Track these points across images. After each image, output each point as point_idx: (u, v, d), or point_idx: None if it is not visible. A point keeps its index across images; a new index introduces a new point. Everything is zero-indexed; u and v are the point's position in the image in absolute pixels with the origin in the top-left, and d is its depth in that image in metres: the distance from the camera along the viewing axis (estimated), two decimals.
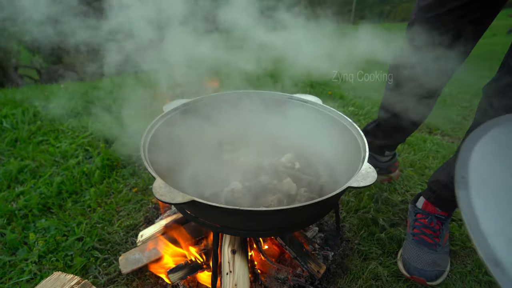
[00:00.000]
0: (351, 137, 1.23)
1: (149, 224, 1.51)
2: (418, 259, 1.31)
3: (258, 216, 0.92)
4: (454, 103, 2.96)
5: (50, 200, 1.62)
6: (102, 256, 1.34)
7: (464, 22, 1.20)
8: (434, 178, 1.36)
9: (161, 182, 0.93)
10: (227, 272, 1.18)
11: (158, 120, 1.27)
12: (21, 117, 2.43)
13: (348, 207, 1.60)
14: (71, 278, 0.89)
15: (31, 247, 1.38)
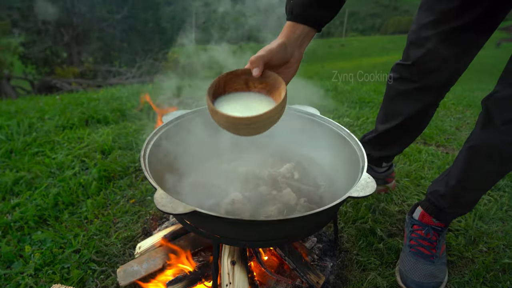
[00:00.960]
0: (350, 147, 1.25)
1: (147, 235, 1.50)
2: (415, 271, 1.31)
3: (259, 226, 0.93)
4: (447, 114, 3.01)
5: (46, 212, 1.60)
6: (99, 269, 1.33)
7: (463, 39, 1.23)
8: (432, 188, 1.38)
9: (162, 193, 0.93)
10: (227, 283, 1.17)
11: (158, 131, 1.28)
12: (16, 128, 2.42)
13: (346, 217, 1.61)
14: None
15: (27, 260, 1.36)
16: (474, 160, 1.19)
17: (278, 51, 0.97)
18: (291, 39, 1.00)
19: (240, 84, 1.01)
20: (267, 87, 1.00)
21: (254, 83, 1.00)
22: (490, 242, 1.50)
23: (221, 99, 0.99)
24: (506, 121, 1.06)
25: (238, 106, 0.96)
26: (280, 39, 0.99)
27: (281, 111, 0.93)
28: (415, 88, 1.42)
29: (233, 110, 0.93)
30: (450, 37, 1.24)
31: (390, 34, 40.18)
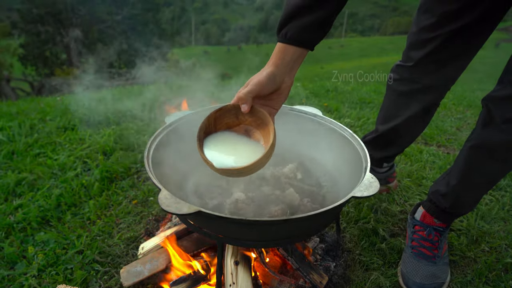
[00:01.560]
0: (352, 148, 1.25)
1: (149, 236, 1.50)
2: (417, 272, 1.32)
3: (264, 226, 0.93)
4: (448, 114, 3.01)
5: (49, 213, 1.60)
6: (103, 269, 1.33)
7: (463, 41, 1.24)
8: (433, 188, 1.38)
9: (167, 193, 0.93)
10: (230, 283, 1.17)
11: (161, 132, 1.28)
12: (18, 129, 2.42)
13: (348, 217, 1.61)
14: None
15: (30, 261, 1.36)
16: (475, 159, 1.20)
17: (267, 82, 0.96)
18: (281, 66, 0.98)
19: (231, 118, 1.02)
20: (257, 120, 1.01)
21: (244, 116, 1.02)
22: (492, 242, 1.50)
23: (211, 138, 1.02)
24: (506, 120, 1.07)
25: (227, 149, 0.99)
26: (269, 68, 0.97)
27: (269, 156, 0.94)
28: (416, 89, 1.43)
29: (222, 153, 0.97)
30: (450, 39, 1.25)
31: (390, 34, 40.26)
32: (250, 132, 1.04)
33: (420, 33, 1.31)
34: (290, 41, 0.96)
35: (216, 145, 1.00)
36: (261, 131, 1.01)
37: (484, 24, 1.21)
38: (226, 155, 0.97)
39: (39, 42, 19.47)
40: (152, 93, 3.41)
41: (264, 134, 1.00)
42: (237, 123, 1.04)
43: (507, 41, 23.51)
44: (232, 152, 0.99)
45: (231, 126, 1.04)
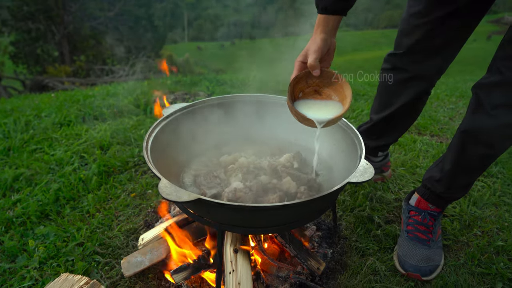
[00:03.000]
0: (347, 136, 1.28)
1: (149, 227, 1.52)
2: (413, 255, 1.35)
3: (263, 212, 0.95)
4: (441, 105, 3.05)
5: (48, 207, 1.61)
6: (103, 260, 1.35)
7: (452, 27, 1.27)
8: (427, 175, 1.42)
9: (167, 182, 0.95)
10: (230, 271, 1.20)
11: (158, 124, 1.29)
12: (13, 126, 2.42)
13: (344, 206, 1.64)
14: (80, 279, 0.90)
15: (31, 254, 1.38)
16: (467, 144, 1.23)
17: (323, 46, 1.15)
18: (328, 31, 1.16)
19: (302, 83, 1.23)
20: (324, 80, 1.22)
21: (312, 79, 1.22)
22: (484, 226, 1.54)
23: (298, 104, 1.23)
24: (495, 106, 1.10)
25: (316, 110, 1.20)
26: (320, 35, 1.15)
27: (349, 104, 1.17)
28: (408, 77, 1.46)
29: (314, 113, 1.18)
30: (440, 25, 1.27)
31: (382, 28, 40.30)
32: (319, 90, 1.25)
33: (410, 19, 1.34)
34: (329, 11, 1.14)
35: (307, 109, 1.20)
36: (330, 87, 1.22)
37: (473, 10, 1.24)
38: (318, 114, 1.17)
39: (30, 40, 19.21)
40: (146, 89, 3.41)
41: (334, 89, 1.22)
42: (307, 86, 1.24)
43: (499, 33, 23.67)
44: (323, 112, 1.18)
45: (303, 89, 1.24)
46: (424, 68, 1.41)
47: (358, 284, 1.27)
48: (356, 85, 3.72)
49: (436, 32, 1.29)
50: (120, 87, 3.60)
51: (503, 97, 1.09)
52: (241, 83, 3.69)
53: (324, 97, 1.23)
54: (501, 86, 1.09)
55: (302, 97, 1.25)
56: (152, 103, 2.87)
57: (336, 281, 1.28)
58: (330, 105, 1.21)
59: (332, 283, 1.28)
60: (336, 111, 1.17)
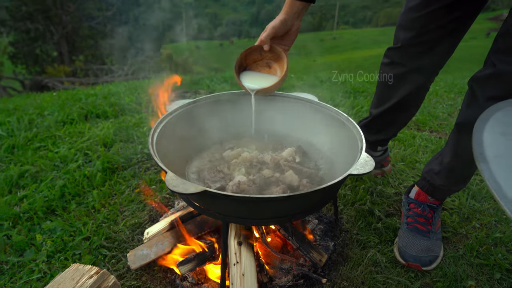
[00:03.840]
0: (348, 131, 1.30)
1: (153, 222, 1.55)
2: (413, 246, 1.38)
3: (267, 203, 0.98)
4: (439, 101, 3.08)
5: (53, 202, 1.64)
6: (110, 254, 1.38)
7: (449, 21, 1.30)
8: (427, 168, 1.45)
9: (173, 175, 0.98)
10: (234, 263, 1.23)
11: (163, 120, 1.32)
12: (17, 124, 2.44)
13: (345, 200, 1.67)
14: (90, 269, 0.93)
15: (38, 248, 1.40)
16: (463, 136, 1.26)
17: (280, 26, 1.30)
18: (290, 14, 1.29)
19: (256, 55, 1.44)
20: (275, 56, 1.42)
21: (265, 53, 1.42)
22: (483, 219, 1.57)
23: (244, 75, 1.46)
24: (489, 98, 1.13)
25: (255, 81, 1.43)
26: (281, 16, 1.29)
27: (284, 79, 1.40)
28: (405, 71, 1.49)
29: (253, 82, 1.42)
30: (437, 18, 1.30)
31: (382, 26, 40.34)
32: (270, 64, 1.45)
33: (407, 13, 1.37)
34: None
35: (249, 78, 1.44)
36: (278, 63, 1.43)
37: (468, 5, 1.26)
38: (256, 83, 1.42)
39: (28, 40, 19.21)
40: (147, 87, 3.44)
41: (279, 65, 1.42)
42: (261, 58, 1.45)
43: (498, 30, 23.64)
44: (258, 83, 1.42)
45: (256, 60, 1.46)
46: (422, 62, 1.44)
47: (360, 275, 1.30)
48: (356, 82, 3.74)
49: (433, 26, 1.32)
50: (121, 86, 3.62)
51: (496, 89, 1.12)
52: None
53: (272, 70, 1.44)
54: (494, 79, 1.12)
55: (253, 67, 1.47)
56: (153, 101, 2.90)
57: (338, 273, 1.31)
58: (269, 79, 1.42)
59: (334, 275, 1.31)
60: (270, 82, 1.40)
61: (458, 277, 1.29)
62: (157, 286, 1.26)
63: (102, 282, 0.91)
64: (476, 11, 1.28)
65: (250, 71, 1.47)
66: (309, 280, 1.28)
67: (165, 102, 1.59)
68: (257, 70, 1.47)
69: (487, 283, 1.28)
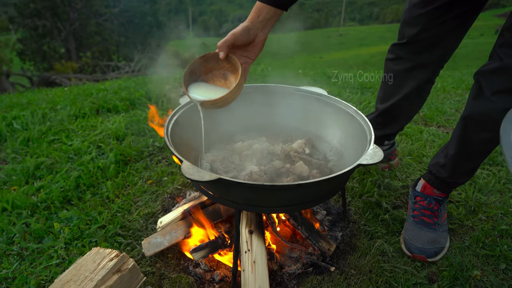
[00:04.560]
0: (357, 123, 1.33)
1: (166, 212, 1.60)
2: (419, 238, 1.41)
3: (280, 191, 1.02)
4: (447, 97, 3.09)
5: (69, 193, 1.69)
6: (125, 241, 1.43)
7: (453, 16, 1.32)
8: (433, 161, 1.47)
9: (189, 164, 1.02)
10: (246, 250, 1.27)
11: (177, 112, 1.36)
12: (31, 118, 2.50)
13: (353, 192, 1.70)
14: (110, 252, 0.98)
15: (56, 235, 1.46)
16: (469, 129, 1.28)
17: (241, 34, 1.14)
18: (255, 22, 1.15)
19: (212, 63, 1.28)
20: (232, 67, 1.26)
21: (223, 62, 1.26)
22: (489, 212, 1.60)
23: (195, 85, 1.30)
24: (495, 92, 1.15)
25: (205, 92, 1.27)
26: (245, 23, 1.15)
27: (236, 93, 1.22)
28: (411, 66, 1.51)
29: (201, 94, 1.25)
30: (441, 14, 1.33)
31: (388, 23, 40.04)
32: (226, 76, 1.30)
33: (412, 10, 1.40)
34: (265, 0, 1.11)
35: (199, 89, 1.28)
36: (234, 75, 1.27)
37: (471, 1, 1.28)
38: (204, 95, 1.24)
39: (36, 37, 19.38)
40: (156, 83, 3.48)
41: (235, 78, 1.25)
42: (218, 68, 1.29)
43: None
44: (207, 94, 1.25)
45: (212, 70, 1.30)
46: (427, 57, 1.46)
47: (367, 264, 1.33)
48: (362, 78, 3.75)
49: (437, 22, 1.34)
50: (130, 81, 3.68)
51: (503, 83, 1.14)
52: (249, 77, 3.75)
53: (227, 83, 1.29)
54: (500, 72, 1.14)
55: (208, 77, 1.31)
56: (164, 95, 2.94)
57: (346, 261, 1.35)
58: (221, 92, 1.25)
59: (342, 263, 1.34)
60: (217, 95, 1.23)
61: (464, 267, 1.32)
62: (171, 272, 1.31)
63: (122, 264, 0.96)
64: (480, 6, 1.31)
65: (203, 82, 1.32)
66: (318, 268, 1.32)
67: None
68: (211, 82, 1.32)
69: (493, 273, 1.30)
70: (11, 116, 2.51)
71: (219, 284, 1.28)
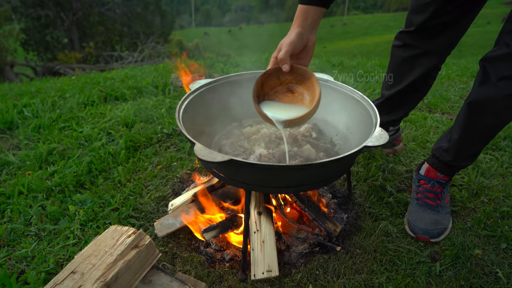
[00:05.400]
0: (363, 108, 1.36)
1: (176, 195, 1.65)
2: (422, 219, 1.45)
3: (289, 171, 1.06)
4: (452, 84, 3.10)
5: (82, 177, 1.75)
6: (138, 223, 1.48)
7: (461, 3, 1.34)
8: (437, 145, 1.51)
9: (201, 146, 1.06)
10: (255, 230, 1.32)
11: (187, 97, 1.40)
12: (41, 106, 2.55)
13: (358, 176, 1.74)
14: (127, 229, 1.03)
15: (72, 217, 1.51)
16: (474, 114, 1.31)
17: (297, 41, 1.12)
18: (305, 26, 1.13)
19: (273, 80, 1.20)
20: (297, 77, 1.18)
21: (284, 76, 1.19)
22: (491, 195, 1.63)
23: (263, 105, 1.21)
24: (501, 78, 1.18)
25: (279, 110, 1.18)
26: (296, 29, 1.13)
27: (317, 106, 1.13)
28: (418, 53, 1.54)
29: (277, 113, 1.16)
30: (449, 2, 1.34)
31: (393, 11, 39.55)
32: (292, 88, 1.20)
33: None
34: (310, 2, 1.11)
35: (272, 108, 1.19)
36: (303, 85, 1.18)
37: None
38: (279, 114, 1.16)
39: (40, 27, 19.36)
40: (163, 71, 3.51)
41: (306, 87, 1.17)
42: (279, 83, 1.20)
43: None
44: (283, 113, 1.17)
45: (274, 87, 1.21)
46: (435, 44, 1.48)
47: (372, 244, 1.38)
48: (367, 66, 3.77)
49: (445, 9, 1.36)
50: (137, 69, 3.71)
51: (508, 69, 1.17)
52: (254, 65, 3.77)
53: (296, 96, 1.20)
54: (507, 59, 1.17)
55: (272, 96, 1.22)
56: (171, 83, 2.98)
57: (351, 241, 1.40)
58: (297, 108, 1.17)
59: (348, 243, 1.39)
60: (300, 112, 1.13)
61: (465, 246, 1.36)
62: (183, 252, 1.36)
63: (139, 240, 1.01)
64: None
65: (270, 100, 1.21)
66: (324, 248, 1.37)
67: None
68: (277, 99, 1.21)
69: (493, 252, 1.35)
70: (21, 104, 2.56)
71: (229, 262, 1.34)
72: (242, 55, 4.40)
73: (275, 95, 1.22)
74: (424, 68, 1.57)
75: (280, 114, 1.14)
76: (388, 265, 1.30)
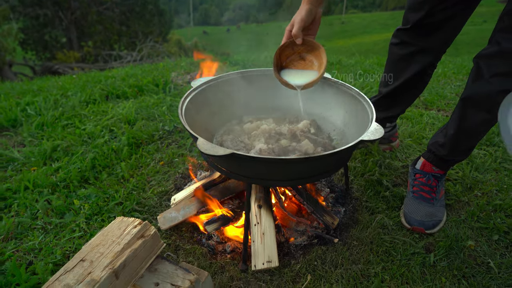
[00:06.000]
0: (360, 105, 1.41)
1: (179, 190, 1.69)
2: (417, 212, 1.50)
3: (289, 164, 1.10)
4: (448, 82, 3.15)
5: (86, 173, 1.79)
6: (142, 216, 1.52)
7: (456, 2, 1.39)
8: (433, 140, 1.55)
9: (204, 140, 1.10)
10: (255, 223, 1.36)
11: (189, 94, 1.44)
12: (44, 104, 2.59)
13: (355, 171, 1.79)
14: (133, 220, 1.07)
15: (77, 211, 1.56)
16: (468, 110, 1.36)
17: (307, 16, 1.31)
18: (313, 2, 1.30)
19: (288, 50, 1.46)
20: (308, 47, 1.44)
21: (297, 47, 1.44)
22: (484, 188, 1.68)
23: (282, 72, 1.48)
24: (493, 75, 1.23)
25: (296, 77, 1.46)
26: (306, 6, 1.30)
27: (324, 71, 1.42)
28: (415, 50, 1.58)
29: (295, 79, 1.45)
30: (445, 0, 1.39)
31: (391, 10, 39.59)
32: (303, 56, 1.47)
33: None
34: None
35: (290, 76, 1.47)
36: (312, 54, 1.46)
37: None
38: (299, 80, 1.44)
39: (38, 26, 19.33)
40: (163, 70, 3.55)
41: (315, 56, 1.45)
42: (293, 53, 1.47)
43: None
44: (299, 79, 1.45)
45: (289, 56, 1.48)
46: (431, 41, 1.53)
47: (369, 236, 1.42)
48: (365, 65, 3.82)
49: (440, 7, 1.41)
50: (137, 68, 3.75)
51: (501, 66, 1.21)
52: (253, 64, 3.81)
53: (307, 62, 1.47)
54: (499, 56, 1.21)
55: (287, 64, 1.49)
56: (171, 82, 3.01)
57: (348, 234, 1.44)
58: (309, 73, 1.45)
59: (345, 235, 1.44)
60: (312, 76, 1.42)
61: (459, 238, 1.41)
62: (186, 244, 1.41)
63: (145, 231, 1.05)
64: None
65: (287, 69, 1.49)
66: (322, 240, 1.42)
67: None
68: (292, 67, 1.49)
69: (486, 243, 1.40)
70: (24, 102, 2.60)
71: (230, 254, 1.38)
72: (240, 53, 4.43)
73: (290, 63, 1.48)
74: (420, 66, 1.62)
75: (297, 80, 1.42)
76: (384, 256, 1.34)
